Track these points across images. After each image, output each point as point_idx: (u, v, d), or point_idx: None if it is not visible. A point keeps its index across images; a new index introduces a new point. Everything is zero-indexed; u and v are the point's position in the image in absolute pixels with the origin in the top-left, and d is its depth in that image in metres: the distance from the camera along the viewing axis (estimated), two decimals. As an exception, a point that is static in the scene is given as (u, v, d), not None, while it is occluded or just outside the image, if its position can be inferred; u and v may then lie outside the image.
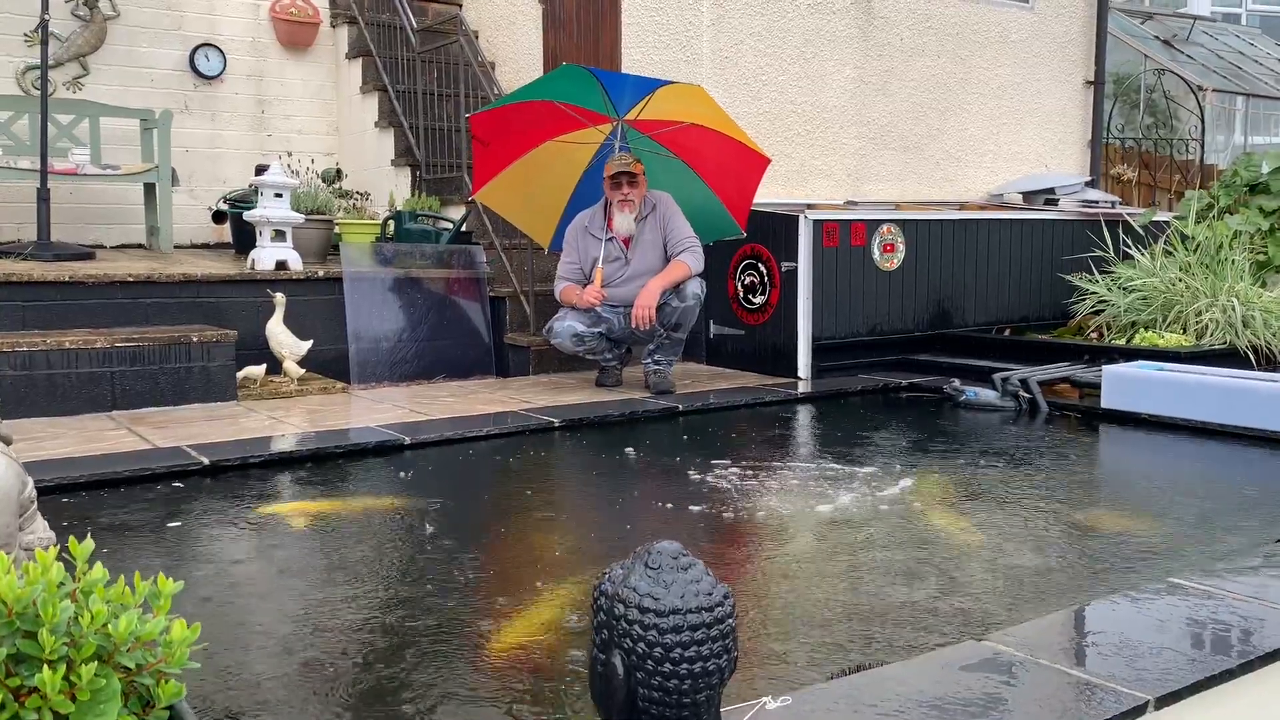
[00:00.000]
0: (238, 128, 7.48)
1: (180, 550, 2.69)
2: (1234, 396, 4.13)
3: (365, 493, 3.35)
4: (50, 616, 0.97)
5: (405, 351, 5.46)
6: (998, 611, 2.26)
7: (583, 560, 2.68)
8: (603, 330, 4.94)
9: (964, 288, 6.04)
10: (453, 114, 6.82)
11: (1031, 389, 4.69)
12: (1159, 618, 2.05)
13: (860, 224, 5.56)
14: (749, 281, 5.62)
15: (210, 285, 5.08)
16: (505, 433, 4.07)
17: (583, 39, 6.75)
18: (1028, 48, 7.43)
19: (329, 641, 2.09)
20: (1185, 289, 5.41)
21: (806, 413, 4.76)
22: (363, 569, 2.55)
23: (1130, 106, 9.91)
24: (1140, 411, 4.39)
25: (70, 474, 3.26)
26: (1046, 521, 2.96)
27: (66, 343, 4.31)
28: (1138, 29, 10.79)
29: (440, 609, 2.28)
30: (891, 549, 2.69)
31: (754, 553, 2.75)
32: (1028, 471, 3.58)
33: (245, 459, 3.51)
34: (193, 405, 4.51)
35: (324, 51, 7.75)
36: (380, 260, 5.59)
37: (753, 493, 3.24)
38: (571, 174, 5.28)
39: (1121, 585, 2.36)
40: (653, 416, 4.46)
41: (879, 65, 6.65)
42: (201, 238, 7.28)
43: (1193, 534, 2.86)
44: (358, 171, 7.31)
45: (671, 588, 1.34)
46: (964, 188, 7.24)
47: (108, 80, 6.98)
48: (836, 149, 6.52)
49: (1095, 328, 5.75)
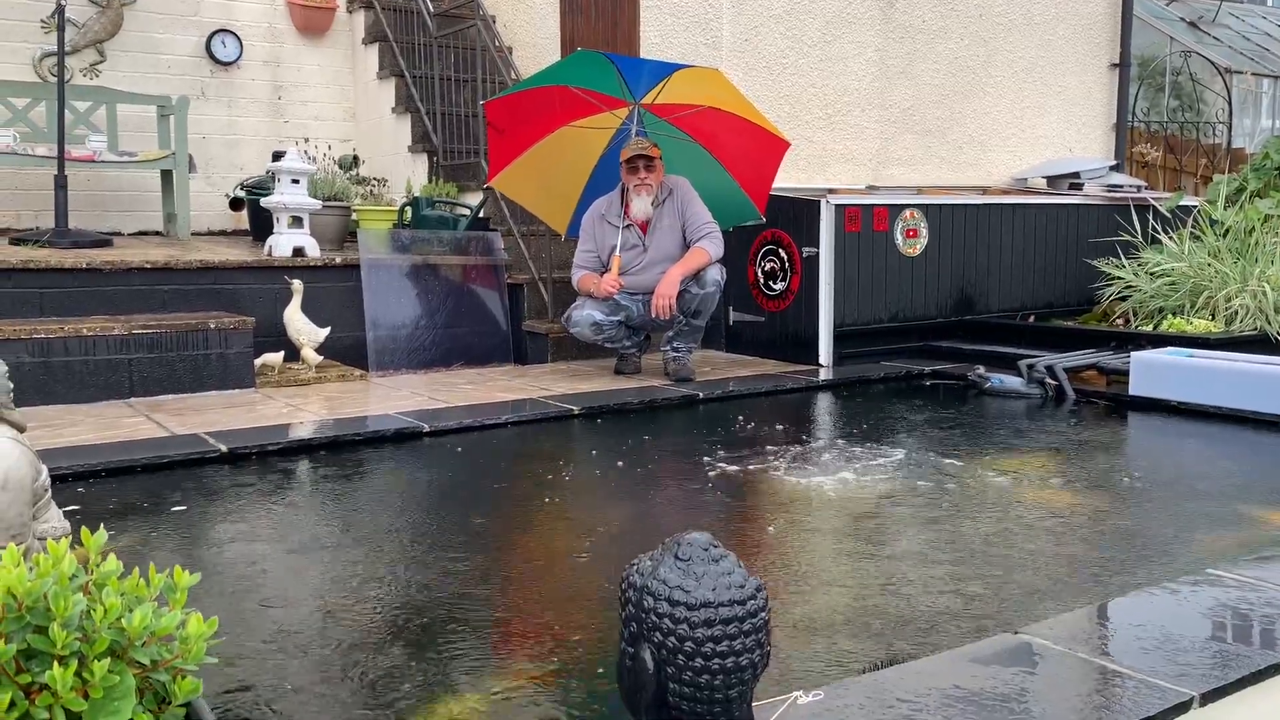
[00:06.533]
0: (254, 114, 7.45)
1: (196, 538, 2.67)
2: (1268, 383, 4.05)
3: (386, 480, 3.32)
4: (62, 611, 0.93)
5: (423, 339, 5.43)
6: (1033, 602, 2.20)
7: (602, 554, 2.64)
8: (622, 318, 4.88)
9: (987, 273, 5.95)
10: (470, 99, 6.77)
11: (1058, 376, 4.61)
12: (1199, 610, 1.99)
13: (883, 209, 5.48)
14: (769, 268, 5.56)
15: (228, 272, 5.06)
16: (525, 420, 4.04)
17: (600, 22, 6.69)
18: (1052, 29, 7.32)
19: (351, 633, 2.06)
20: (1214, 274, 5.31)
21: (829, 400, 4.70)
22: (384, 558, 2.52)
23: (1155, 90, 9.77)
24: (1169, 399, 4.31)
25: (88, 461, 3.24)
26: (1082, 509, 2.89)
27: (84, 330, 4.30)
28: (1163, 10, 10.63)
29: (465, 597, 2.24)
30: (926, 539, 2.63)
31: (781, 542, 2.70)
32: (1062, 460, 3.51)
33: (263, 446, 3.49)
34: (210, 392, 4.49)
35: (340, 37, 7.71)
36: (398, 247, 5.55)
37: (777, 482, 3.19)
38: (588, 159, 5.22)
39: (1161, 576, 2.30)
40: (673, 404, 4.41)
41: (901, 48, 6.55)
42: (219, 224, 7.27)
43: (1227, 523, 2.80)
44: (374, 157, 7.27)
45: (703, 580, 1.30)
46: (986, 172, 7.15)
47: (124, 67, 6.96)
48: (858, 133, 6.43)
49: (1121, 314, 5.66)
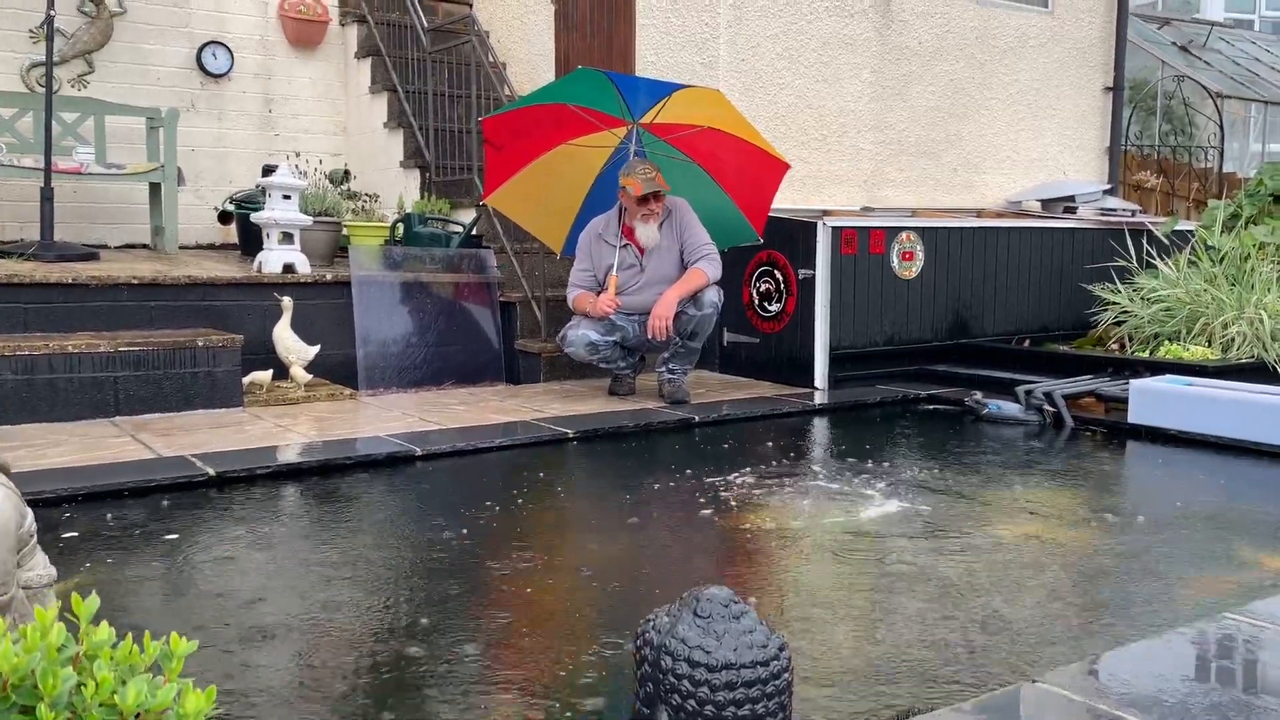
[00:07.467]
0: (245, 127, 7.38)
1: (185, 570, 2.59)
2: (1269, 414, 4.01)
3: (377, 507, 3.25)
4: (50, 689, 0.86)
5: (414, 357, 5.36)
6: (1046, 647, 2.15)
7: (605, 592, 2.57)
8: (617, 339, 4.82)
9: (982, 297, 5.92)
10: (464, 115, 6.71)
11: (1056, 403, 4.58)
12: (1218, 656, 1.94)
13: (879, 231, 5.45)
14: (764, 289, 5.51)
15: (216, 288, 4.98)
16: (519, 444, 3.97)
17: (596, 40, 6.65)
18: (1046, 53, 7.33)
19: (346, 671, 1.99)
20: (1210, 300, 5.30)
21: (826, 425, 4.65)
22: (378, 591, 2.44)
23: (1147, 113, 9.79)
24: (1168, 427, 4.27)
25: (72, 484, 3.16)
26: (1094, 546, 2.85)
27: (69, 346, 4.21)
28: (1154, 34, 10.68)
29: (462, 633, 2.17)
30: (929, 577, 2.58)
31: (785, 580, 2.64)
32: (1069, 491, 3.47)
33: (252, 470, 3.41)
34: (198, 411, 4.41)
35: (333, 50, 7.65)
36: (389, 264, 5.49)
37: (779, 512, 3.13)
38: (585, 178, 5.17)
39: (1181, 617, 2.25)
40: (669, 428, 4.35)
41: (897, 70, 6.54)
42: (207, 238, 7.18)
43: (1233, 563, 2.75)
44: (366, 172, 7.21)
45: (724, 639, 1.24)
46: (980, 194, 7.14)
47: (113, 78, 6.88)
48: (853, 154, 6.41)
49: (1117, 339, 5.64)
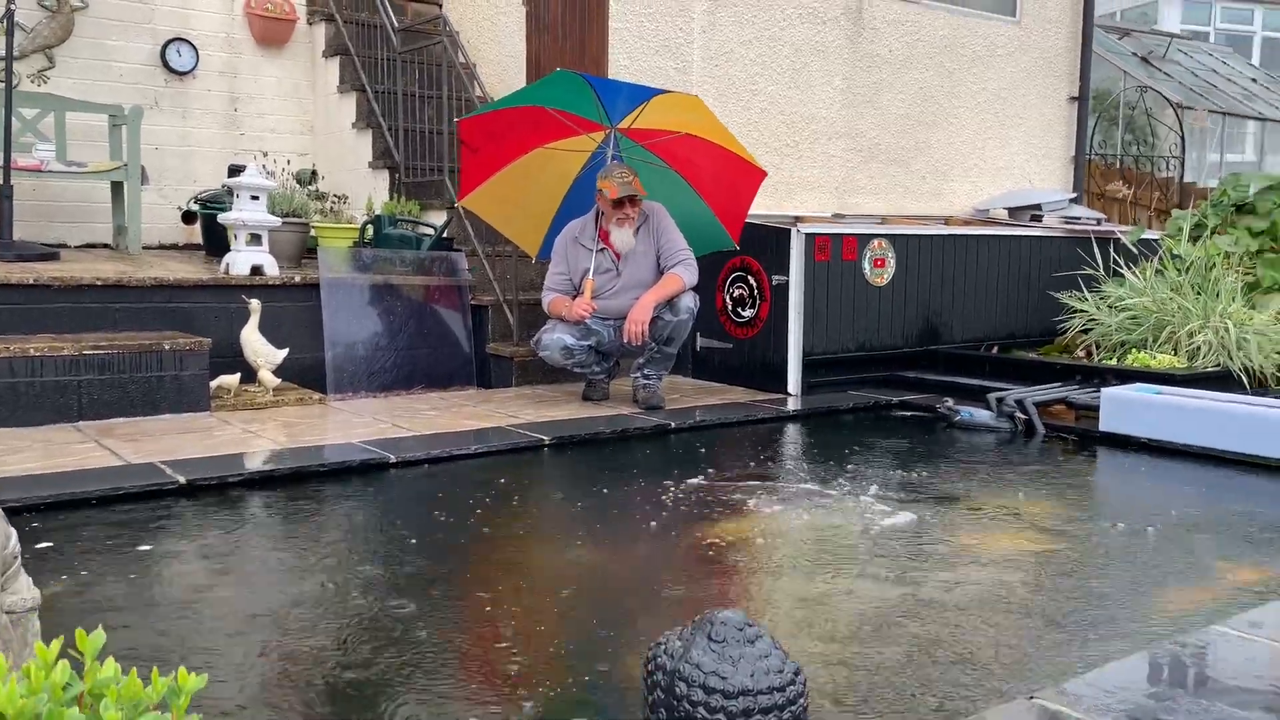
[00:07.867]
0: (210, 126, 7.25)
1: (160, 583, 2.52)
2: (1238, 422, 4.07)
3: (352, 517, 3.19)
4: (56, 731, 0.83)
5: (384, 360, 5.30)
6: (1035, 660, 2.15)
7: (591, 607, 2.54)
8: (592, 343, 4.79)
9: (952, 304, 5.96)
10: (434, 116, 6.65)
11: (1027, 410, 4.61)
12: (1226, 667, 1.95)
13: (852, 238, 5.46)
14: (738, 294, 5.51)
15: (183, 290, 4.88)
16: (494, 451, 3.93)
17: (568, 43, 6.61)
18: (1014, 62, 7.40)
19: (319, 691, 1.94)
20: (1177, 309, 5.37)
21: (800, 431, 4.65)
22: (358, 606, 2.39)
23: (1109, 123, 9.93)
24: (1139, 435, 4.32)
25: (35, 493, 3.08)
26: (1071, 554, 2.86)
27: (31, 349, 4.10)
28: (1116, 45, 10.84)
29: (445, 651, 2.13)
30: (909, 589, 2.57)
31: (773, 591, 2.62)
32: (1037, 502, 3.48)
33: (224, 478, 3.34)
34: (164, 416, 4.31)
35: (300, 49, 7.54)
36: (359, 266, 5.41)
37: (757, 519, 3.12)
38: (562, 182, 5.13)
39: (1175, 629, 2.26)
40: (644, 434, 4.32)
41: (868, 77, 6.57)
42: (170, 238, 7.04)
43: (1211, 573, 2.78)
44: (334, 173, 7.11)
45: (739, 664, 1.21)
46: (948, 202, 7.19)
47: (75, 74, 6.73)
48: (824, 161, 6.43)
49: (1084, 346, 5.70)
